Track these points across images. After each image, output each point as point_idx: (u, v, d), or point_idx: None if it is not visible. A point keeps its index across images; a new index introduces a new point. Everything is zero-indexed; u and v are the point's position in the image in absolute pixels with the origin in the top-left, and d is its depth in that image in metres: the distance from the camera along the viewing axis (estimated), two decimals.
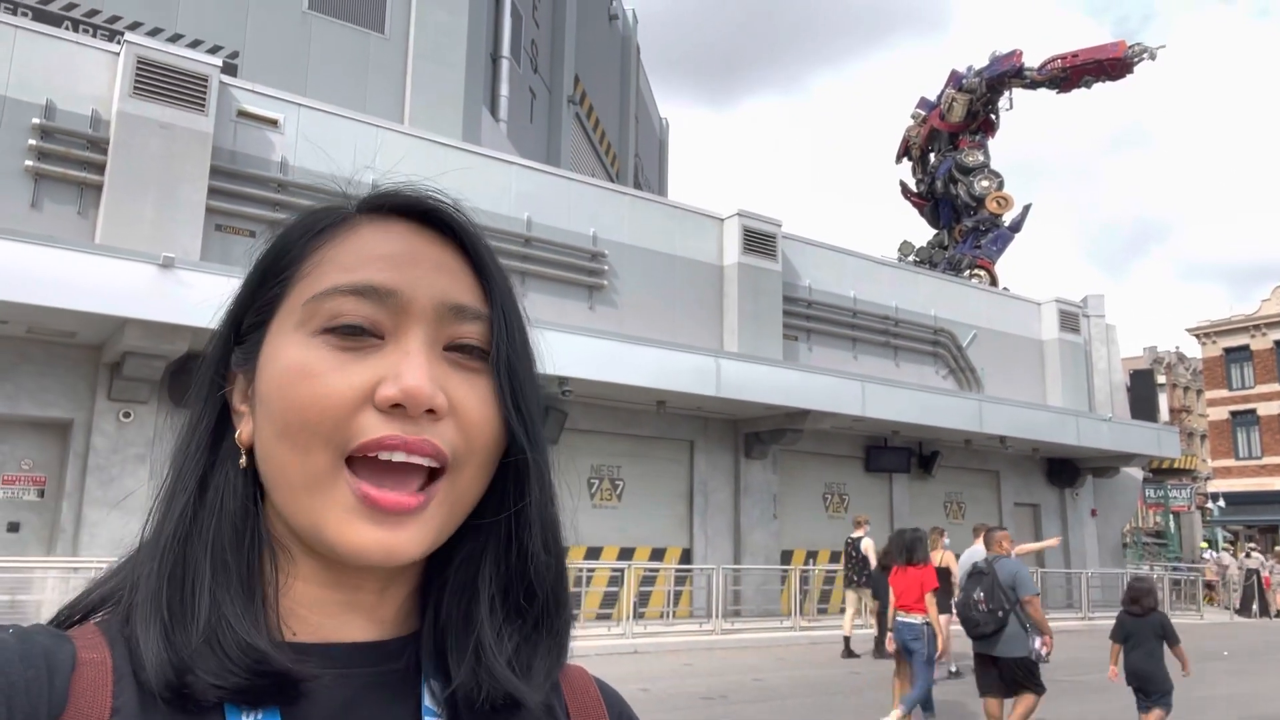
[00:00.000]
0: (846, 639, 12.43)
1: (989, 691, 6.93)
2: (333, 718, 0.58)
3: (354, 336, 0.58)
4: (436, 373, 0.59)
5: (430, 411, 0.57)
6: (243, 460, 0.61)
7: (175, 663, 0.55)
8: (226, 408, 0.64)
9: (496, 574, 0.64)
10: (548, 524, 0.65)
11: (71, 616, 0.63)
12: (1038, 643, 6.74)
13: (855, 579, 12.86)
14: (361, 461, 0.58)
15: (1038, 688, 6.79)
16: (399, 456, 0.57)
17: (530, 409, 0.63)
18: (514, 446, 0.62)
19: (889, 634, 7.85)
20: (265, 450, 0.59)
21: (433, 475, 0.59)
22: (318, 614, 0.61)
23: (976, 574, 6.99)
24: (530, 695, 0.62)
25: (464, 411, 0.59)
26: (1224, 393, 41.50)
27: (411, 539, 0.58)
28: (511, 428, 0.62)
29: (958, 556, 10.69)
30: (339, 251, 0.61)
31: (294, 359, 0.58)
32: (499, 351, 0.61)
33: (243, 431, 0.62)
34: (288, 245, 0.64)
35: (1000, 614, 6.67)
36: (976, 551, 7.66)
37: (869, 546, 12.69)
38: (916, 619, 7.48)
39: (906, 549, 7.70)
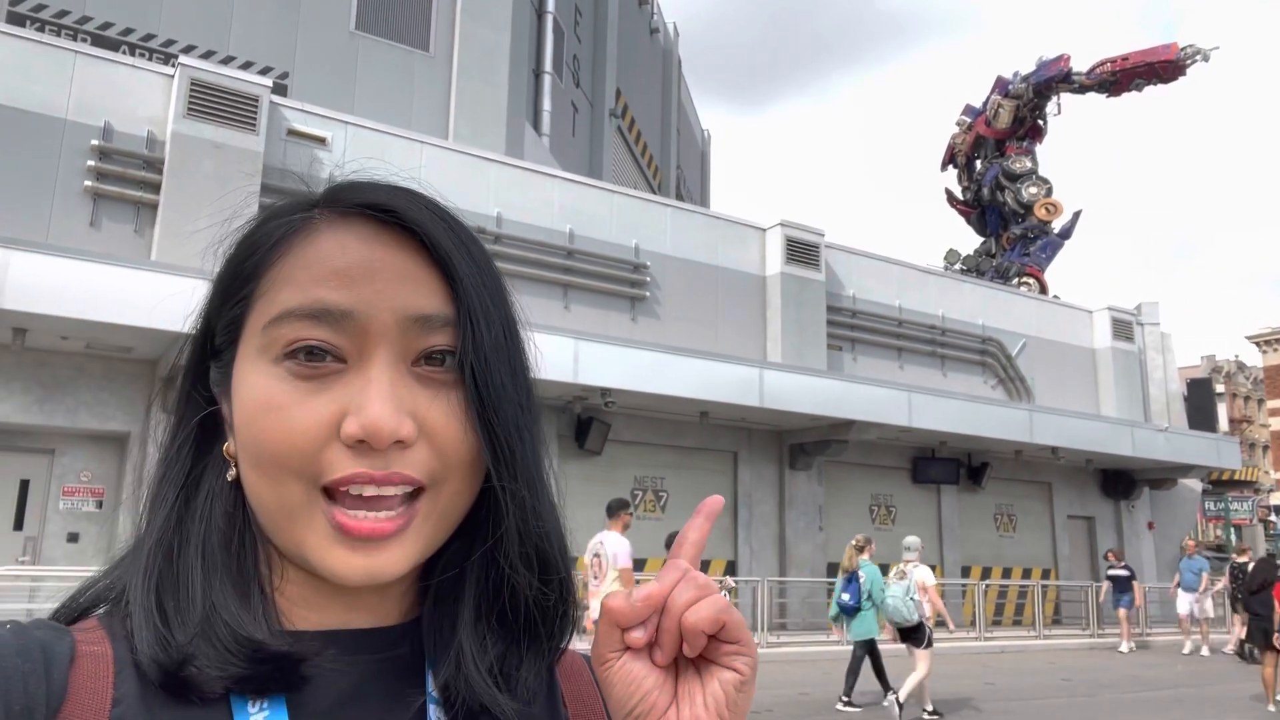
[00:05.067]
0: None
1: None
2: (339, 704, 0.58)
3: (314, 363, 0.57)
4: (404, 394, 0.57)
5: (398, 441, 0.56)
6: (231, 473, 0.61)
7: (173, 655, 0.55)
8: (210, 414, 0.64)
9: (484, 578, 0.63)
10: (529, 538, 0.62)
11: (72, 612, 0.63)
12: None
13: (1242, 596, 15.47)
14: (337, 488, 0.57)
15: None
16: (370, 490, 0.56)
17: (504, 418, 0.59)
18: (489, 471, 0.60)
19: (1275, 634, 9.86)
20: (244, 474, 0.59)
21: (416, 491, 0.58)
22: (316, 611, 0.61)
23: None
24: (507, 706, 0.60)
25: (434, 431, 0.58)
26: None
27: (393, 559, 0.57)
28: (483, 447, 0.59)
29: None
30: (294, 267, 0.59)
31: (258, 390, 0.57)
32: (464, 358, 0.59)
33: (230, 444, 0.62)
34: (245, 260, 0.62)
35: None
36: None
37: None
38: None
39: None
